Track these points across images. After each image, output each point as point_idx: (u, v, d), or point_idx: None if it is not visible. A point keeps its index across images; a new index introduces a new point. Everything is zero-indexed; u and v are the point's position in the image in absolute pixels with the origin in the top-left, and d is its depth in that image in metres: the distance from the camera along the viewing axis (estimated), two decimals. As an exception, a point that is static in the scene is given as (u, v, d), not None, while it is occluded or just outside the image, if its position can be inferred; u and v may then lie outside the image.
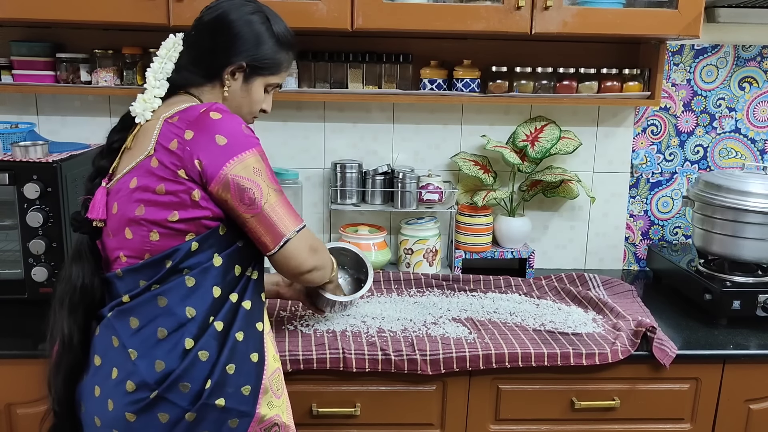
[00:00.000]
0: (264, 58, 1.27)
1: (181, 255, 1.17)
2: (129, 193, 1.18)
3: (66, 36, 1.96)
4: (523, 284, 1.98)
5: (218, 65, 1.26)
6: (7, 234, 1.73)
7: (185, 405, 1.16)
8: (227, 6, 1.27)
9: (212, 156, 1.14)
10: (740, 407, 1.66)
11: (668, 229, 2.25)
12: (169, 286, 1.17)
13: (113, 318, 1.19)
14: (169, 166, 1.15)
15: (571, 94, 1.97)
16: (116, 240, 1.21)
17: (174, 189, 1.15)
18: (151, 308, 1.18)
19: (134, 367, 1.16)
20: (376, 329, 1.63)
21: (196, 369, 1.17)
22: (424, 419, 1.60)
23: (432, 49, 2.00)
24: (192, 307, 1.18)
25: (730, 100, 2.15)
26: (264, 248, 1.22)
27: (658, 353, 1.56)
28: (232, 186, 1.15)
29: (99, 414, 1.19)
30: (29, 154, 1.68)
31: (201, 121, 1.16)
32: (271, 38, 1.28)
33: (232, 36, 1.24)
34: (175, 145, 1.15)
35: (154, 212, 1.16)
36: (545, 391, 1.60)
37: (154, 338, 1.17)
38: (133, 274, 1.19)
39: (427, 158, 2.14)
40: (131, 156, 1.21)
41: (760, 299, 1.73)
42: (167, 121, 1.18)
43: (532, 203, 2.18)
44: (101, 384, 1.19)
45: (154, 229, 1.17)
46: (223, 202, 1.18)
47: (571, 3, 1.78)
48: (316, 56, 1.95)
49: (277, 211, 1.19)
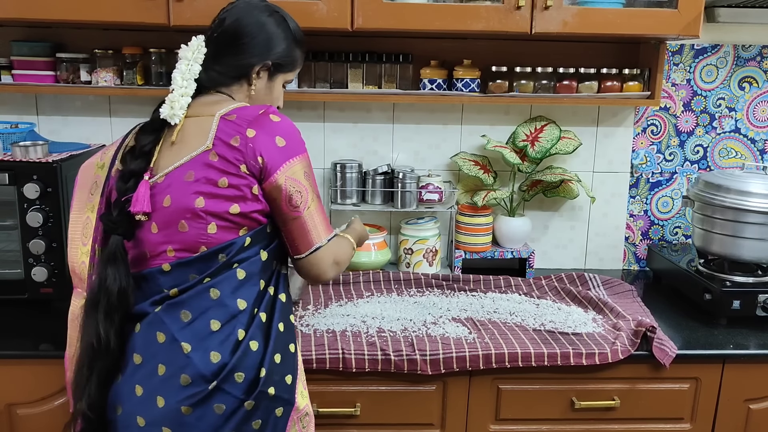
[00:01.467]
0: (284, 56, 1.34)
1: (236, 249, 1.20)
2: (185, 186, 1.19)
3: (66, 36, 1.96)
4: (523, 284, 1.98)
5: (245, 65, 1.31)
6: (7, 234, 1.73)
7: (240, 395, 1.18)
8: (245, 9, 1.32)
9: (272, 155, 1.20)
10: (740, 407, 1.66)
11: (668, 229, 2.25)
12: (221, 279, 1.20)
13: (162, 312, 1.19)
14: (232, 160, 1.18)
15: (571, 94, 1.97)
16: (164, 234, 1.20)
17: (236, 182, 1.19)
18: (203, 300, 1.19)
19: (188, 360, 1.16)
20: (376, 329, 1.63)
21: (249, 359, 1.19)
22: (424, 419, 1.60)
23: (432, 49, 2.00)
24: (242, 299, 1.21)
25: (730, 100, 2.15)
26: (294, 250, 1.27)
27: (658, 353, 1.57)
28: (284, 186, 1.21)
29: (144, 413, 1.18)
30: (29, 154, 1.68)
31: (262, 121, 1.21)
32: (289, 37, 1.34)
33: (254, 37, 1.30)
34: (237, 141, 1.19)
35: (215, 204, 1.18)
36: (545, 391, 1.60)
37: (207, 330, 1.18)
38: (183, 268, 1.20)
39: (427, 158, 2.14)
40: (179, 151, 1.22)
41: (759, 299, 1.73)
42: (224, 118, 1.22)
43: (532, 203, 2.18)
44: (144, 382, 1.18)
45: (213, 222, 1.19)
46: (272, 200, 1.23)
47: (571, 3, 1.78)
48: (316, 56, 1.95)
49: (314, 218, 1.26)
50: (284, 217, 1.24)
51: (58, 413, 1.56)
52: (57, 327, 1.65)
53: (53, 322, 1.67)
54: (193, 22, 1.67)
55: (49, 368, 1.54)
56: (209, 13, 1.65)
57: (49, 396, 1.56)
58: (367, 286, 1.93)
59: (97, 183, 1.32)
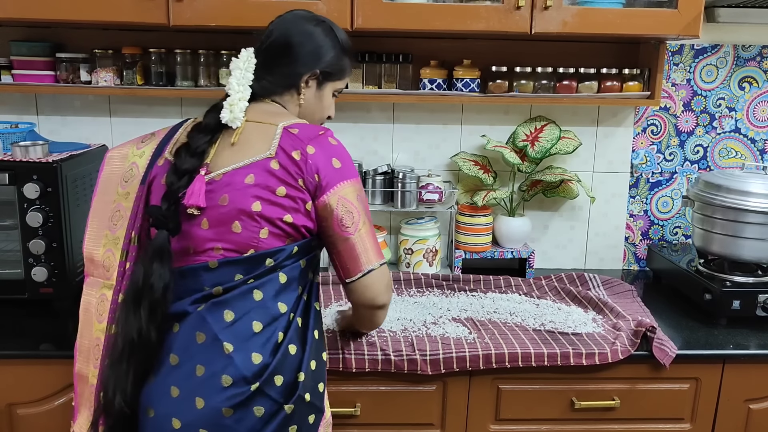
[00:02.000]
0: (333, 64, 1.36)
1: (284, 256, 1.22)
2: (244, 188, 1.20)
3: (66, 36, 1.96)
4: (523, 284, 1.98)
5: (294, 75, 1.34)
6: (7, 234, 1.73)
7: (279, 398, 1.18)
8: (293, 20, 1.35)
9: (328, 174, 1.23)
10: (740, 407, 1.66)
11: (668, 229, 2.25)
12: (265, 281, 1.21)
13: (205, 311, 1.18)
14: (292, 172, 1.21)
15: (571, 94, 1.97)
16: (215, 232, 1.21)
17: (293, 194, 1.21)
18: (247, 302, 1.19)
19: (230, 361, 1.15)
20: (376, 329, 1.63)
21: (288, 362, 1.20)
22: (424, 419, 1.60)
23: (432, 49, 2.00)
24: (283, 303, 1.22)
25: (729, 100, 2.15)
26: (346, 273, 1.28)
27: (658, 353, 1.57)
28: (337, 206, 1.23)
29: (180, 415, 1.16)
30: (29, 154, 1.68)
31: (321, 141, 1.25)
32: (336, 46, 1.37)
33: (303, 47, 1.33)
34: (298, 155, 1.21)
35: (272, 210, 1.20)
36: (545, 391, 1.60)
37: (249, 331, 1.18)
38: (230, 267, 1.20)
39: (427, 158, 2.14)
40: (240, 152, 1.23)
41: (760, 299, 1.73)
42: (287, 130, 1.24)
43: (532, 203, 2.18)
44: (181, 383, 1.16)
45: (267, 227, 1.20)
46: (323, 220, 1.25)
47: (571, 3, 1.78)
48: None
49: (365, 242, 1.26)
50: (335, 238, 1.25)
51: (58, 413, 1.56)
52: (57, 327, 1.66)
53: (53, 322, 1.68)
54: (193, 22, 1.67)
55: (49, 368, 1.54)
56: (209, 13, 1.67)
57: (49, 396, 1.56)
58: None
59: (133, 171, 1.31)
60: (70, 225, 1.72)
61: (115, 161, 1.36)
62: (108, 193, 1.34)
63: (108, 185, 1.34)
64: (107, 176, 1.36)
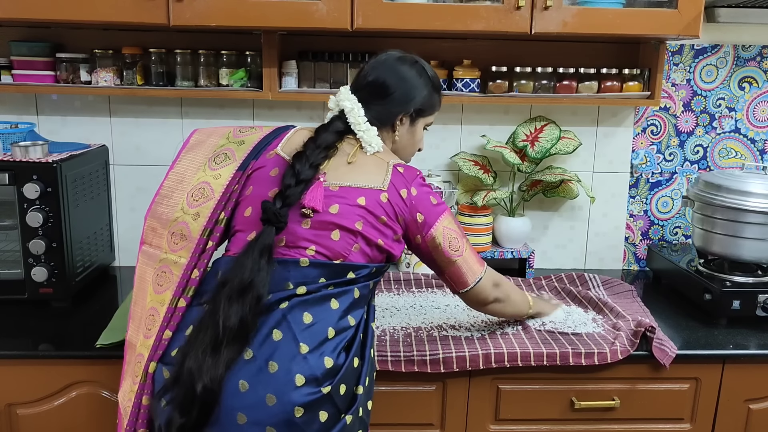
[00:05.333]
0: (425, 102, 1.45)
1: (364, 274, 1.30)
2: (354, 206, 1.29)
3: (66, 36, 1.96)
4: (523, 284, 1.98)
5: (390, 114, 1.42)
6: (7, 234, 1.74)
7: (341, 406, 1.20)
8: (389, 62, 1.43)
9: (430, 212, 1.36)
10: (740, 407, 1.66)
11: (668, 229, 2.25)
12: (341, 291, 1.27)
13: (288, 310, 1.21)
14: (395, 208, 1.32)
15: (571, 94, 1.97)
16: (315, 234, 1.27)
17: (391, 224, 1.32)
18: (325, 308, 1.24)
19: (305, 362, 1.17)
20: (376, 329, 1.63)
21: (352, 373, 1.24)
22: (424, 419, 1.60)
23: (432, 49, 2.00)
24: (353, 317, 1.27)
25: (729, 100, 2.15)
26: (461, 286, 1.44)
27: (658, 353, 1.56)
28: (445, 235, 1.37)
29: (248, 411, 1.14)
30: (29, 154, 1.68)
31: (420, 183, 1.37)
32: (428, 84, 1.45)
33: (398, 89, 1.41)
34: (405, 194, 1.34)
35: (371, 231, 1.30)
36: (545, 391, 1.60)
37: (323, 336, 1.21)
38: (318, 268, 1.26)
39: (427, 158, 2.14)
40: (355, 173, 1.33)
41: (760, 299, 1.73)
42: (396, 168, 1.35)
43: (532, 203, 2.18)
44: (251, 379, 1.15)
45: (360, 244, 1.29)
46: (432, 249, 1.38)
47: (571, 3, 1.78)
48: (316, 56, 1.95)
49: (468, 260, 1.42)
50: (445, 262, 1.39)
51: (57, 413, 1.56)
52: (57, 327, 1.66)
53: (53, 322, 1.68)
54: (193, 22, 1.67)
55: (49, 368, 1.54)
56: (209, 14, 1.67)
57: (49, 396, 1.56)
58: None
59: (228, 156, 1.38)
60: (70, 225, 1.72)
61: (204, 136, 1.44)
62: (190, 168, 1.39)
63: (192, 162, 1.40)
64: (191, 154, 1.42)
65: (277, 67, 1.87)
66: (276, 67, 1.86)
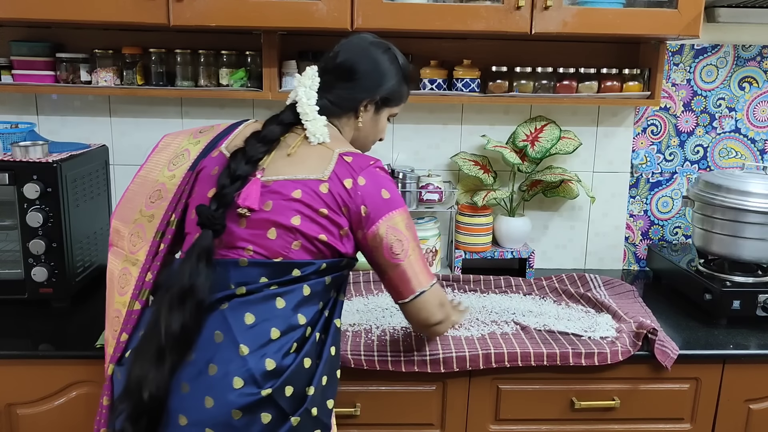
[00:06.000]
0: (393, 91, 1.39)
1: (311, 270, 1.24)
2: (288, 201, 1.22)
3: (66, 36, 1.96)
4: (523, 284, 1.98)
5: (355, 99, 1.36)
6: (7, 234, 1.74)
7: (287, 408, 1.18)
8: (360, 45, 1.37)
9: (376, 205, 1.26)
10: (740, 407, 1.66)
11: (668, 229, 2.25)
12: (288, 290, 1.22)
13: (228, 311, 1.19)
14: (337, 199, 1.24)
15: (571, 94, 1.97)
16: (251, 233, 1.22)
17: (333, 218, 1.24)
18: (269, 307, 1.20)
19: (244, 363, 1.15)
20: (377, 329, 1.63)
21: (300, 374, 1.20)
22: (424, 419, 1.60)
23: (432, 49, 2.00)
24: (303, 315, 1.23)
25: (730, 100, 2.15)
26: (398, 296, 1.32)
27: (660, 354, 1.56)
28: (386, 235, 1.26)
29: (188, 412, 1.15)
30: (29, 154, 1.68)
31: (372, 173, 1.28)
32: (399, 73, 1.39)
33: (368, 74, 1.35)
34: (350, 184, 1.25)
35: (309, 227, 1.22)
36: (545, 391, 1.60)
37: (266, 337, 1.18)
38: (258, 268, 1.21)
39: (427, 158, 2.14)
40: (294, 165, 1.26)
41: (760, 299, 1.73)
42: (342, 157, 1.27)
43: (532, 203, 2.18)
44: (192, 381, 1.16)
45: (300, 240, 1.23)
46: (373, 249, 1.27)
47: (571, 3, 1.78)
48: (316, 56, 1.95)
49: (414, 267, 1.29)
50: (386, 265, 1.29)
51: (57, 413, 1.56)
52: (57, 327, 1.66)
53: (53, 322, 1.68)
54: (193, 22, 1.67)
55: (49, 368, 1.54)
56: (209, 14, 1.67)
57: (49, 396, 1.56)
58: (367, 287, 1.93)
59: (184, 157, 1.35)
60: (69, 225, 1.72)
61: (170, 146, 1.40)
62: (152, 172, 1.37)
63: (154, 165, 1.38)
64: (156, 157, 1.40)
65: (277, 67, 1.87)
66: (276, 67, 1.86)
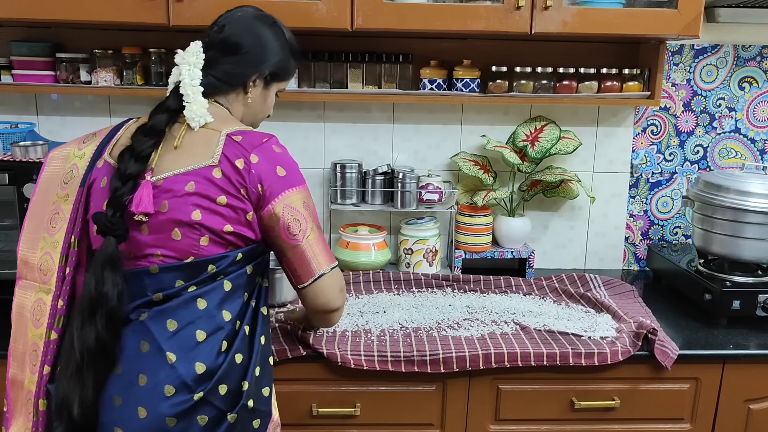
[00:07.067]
0: (280, 66, 1.36)
1: (227, 263, 1.20)
2: (184, 196, 1.18)
3: (66, 36, 1.96)
4: (523, 284, 1.98)
5: (243, 75, 1.32)
6: (7, 234, 1.74)
7: (223, 407, 1.18)
8: (245, 19, 1.33)
9: (272, 183, 1.21)
10: (740, 407, 1.66)
11: (668, 229, 2.25)
12: (208, 289, 1.19)
13: (149, 321, 1.17)
14: (234, 182, 1.19)
15: (571, 94, 1.97)
16: (155, 238, 1.18)
17: (234, 204, 1.19)
18: (190, 310, 1.18)
19: (173, 371, 1.14)
20: (376, 329, 1.63)
21: (233, 371, 1.20)
22: (424, 419, 1.60)
23: (432, 49, 2.00)
24: (228, 311, 1.21)
25: (730, 100, 2.15)
26: (297, 280, 1.28)
27: (660, 355, 1.56)
28: (283, 214, 1.22)
29: (123, 424, 1.15)
30: (29, 154, 1.68)
31: (265, 149, 1.22)
32: (285, 47, 1.36)
33: (254, 48, 1.31)
34: (242, 164, 1.19)
35: (212, 220, 1.18)
36: (545, 391, 1.60)
37: (193, 341, 1.17)
38: (170, 272, 1.18)
39: (427, 158, 2.14)
40: (182, 157, 1.20)
41: (760, 299, 1.73)
42: (231, 137, 1.22)
43: (532, 203, 2.18)
44: (123, 393, 1.15)
45: (207, 235, 1.19)
46: (270, 229, 1.23)
47: (571, 3, 1.78)
48: (316, 56, 1.95)
49: (314, 248, 1.26)
50: (283, 246, 1.25)
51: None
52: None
53: (53, 322, 1.67)
54: (192, 23, 1.67)
55: (49, 368, 1.54)
56: (209, 14, 1.66)
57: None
58: (367, 287, 1.93)
59: (74, 173, 1.28)
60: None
61: (55, 162, 1.32)
62: (47, 194, 1.30)
63: (48, 186, 1.31)
64: (47, 177, 1.32)
65: (277, 67, 1.87)
66: (276, 67, 1.86)
